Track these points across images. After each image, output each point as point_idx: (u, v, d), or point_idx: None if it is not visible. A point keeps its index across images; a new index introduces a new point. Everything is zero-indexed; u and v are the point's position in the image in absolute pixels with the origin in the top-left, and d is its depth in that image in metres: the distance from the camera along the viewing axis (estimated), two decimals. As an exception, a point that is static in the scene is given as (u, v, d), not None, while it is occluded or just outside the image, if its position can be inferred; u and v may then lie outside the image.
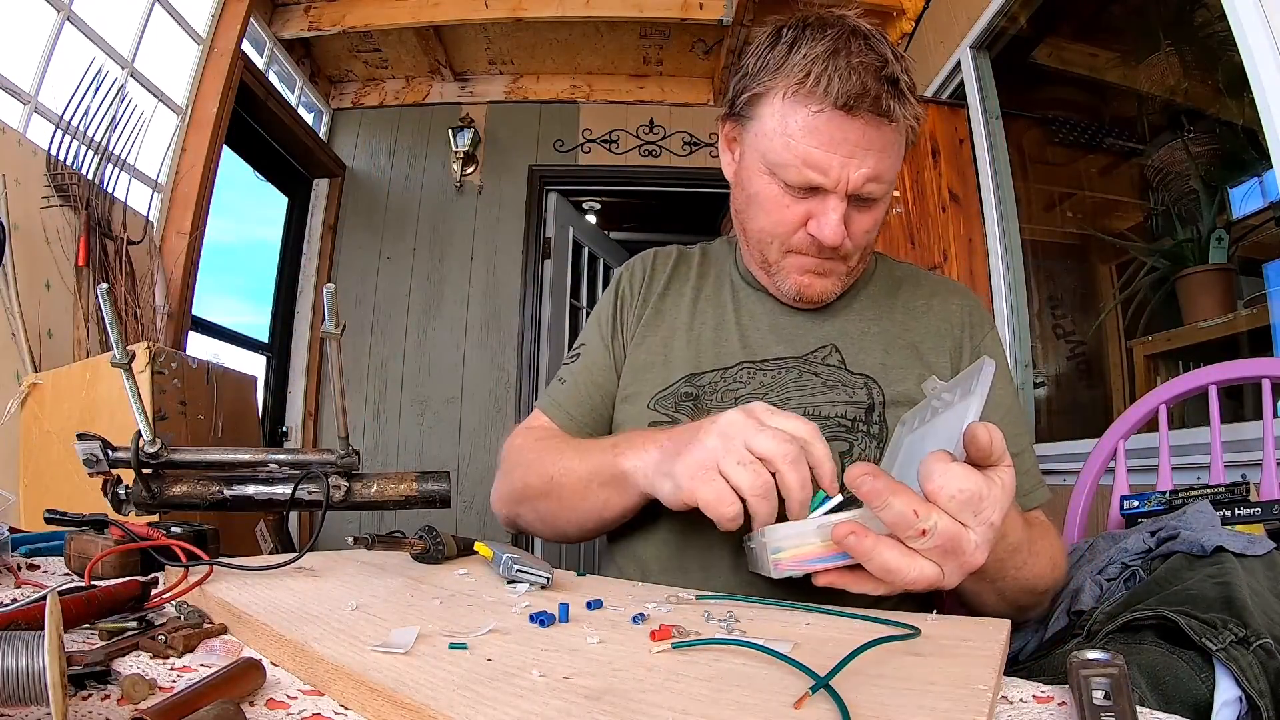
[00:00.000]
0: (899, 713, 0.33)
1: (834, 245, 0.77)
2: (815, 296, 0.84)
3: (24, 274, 1.94)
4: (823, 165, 0.74)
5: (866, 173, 0.74)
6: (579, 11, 3.19)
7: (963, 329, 0.88)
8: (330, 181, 3.75)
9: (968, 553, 0.50)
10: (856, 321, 0.88)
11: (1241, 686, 0.52)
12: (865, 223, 0.79)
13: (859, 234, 0.79)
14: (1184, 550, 0.78)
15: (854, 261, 0.83)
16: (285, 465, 0.76)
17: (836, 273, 0.83)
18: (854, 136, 0.73)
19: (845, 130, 0.73)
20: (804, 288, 0.83)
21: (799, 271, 0.83)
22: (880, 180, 0.76)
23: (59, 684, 0.29)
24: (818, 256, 0.81)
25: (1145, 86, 1.99)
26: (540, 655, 0.41)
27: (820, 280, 0.83)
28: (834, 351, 0.85)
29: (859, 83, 0.71)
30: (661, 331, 0.91)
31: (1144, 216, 2.04)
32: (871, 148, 0.73)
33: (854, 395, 0.81)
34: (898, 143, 0.76)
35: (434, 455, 3.52)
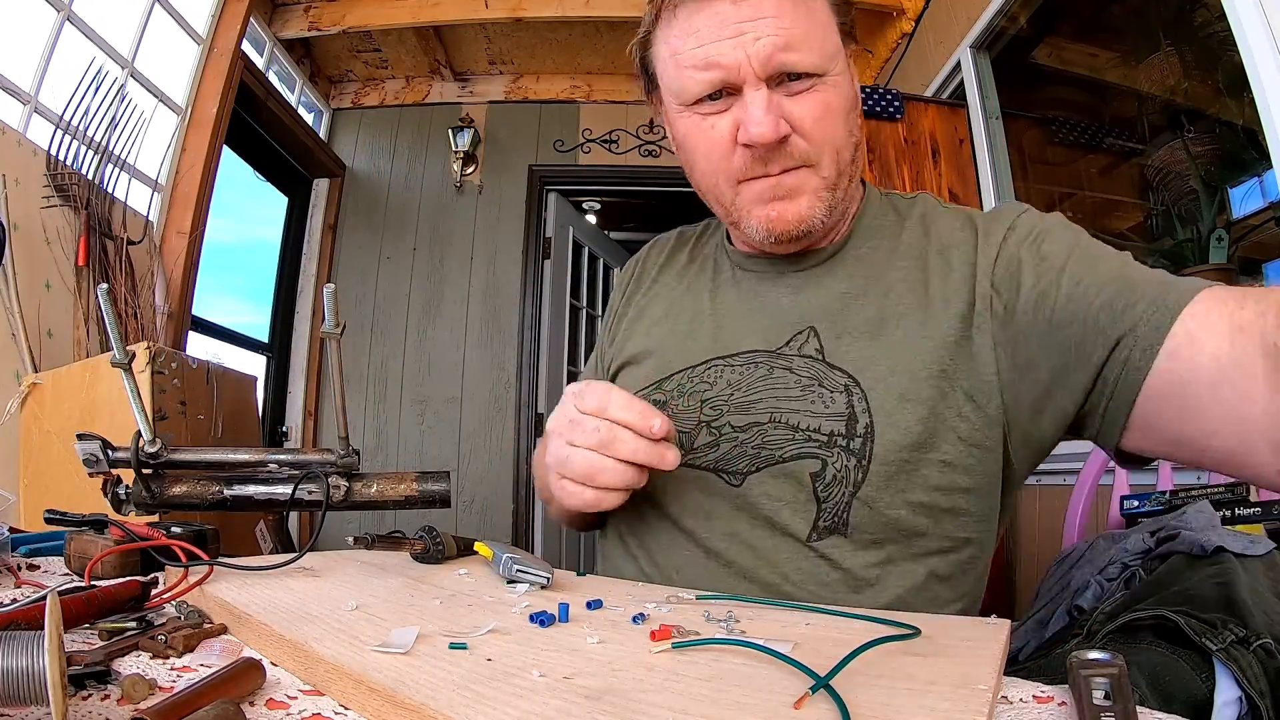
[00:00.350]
0: (899, 713, 0.33)
1: (769, 139, 0.64)
2: (791, 226, 0.69)
3: (24, 274, 1.94)
4: (713, 57, 0.64)
5: (770, 41, 0.63)
6: (579, 11, 3.19)
7: (974, 250, 0.69)
8: (330, 181, 3.75)
9: None
10: (841, 294, 0.73)
11: (1242, 686, 0.52)
12: (810, 109, 0.66)
13: (807, 123, 0.66)
14: (1184, 550, 0.78)
15: (825, 169, 0.68)
16: (285, 465, 0.76)
17: (806, 188, 0.68)
18: (733, 13, 0.63)
19: (719, 12, 0.64)
20: (772, 221, 0.69)
21: (758, 203, 0.70)
22: (796, 48, 0.64)
23: (59, 684, 0.29)
24: (767, 172, 0.68)
25: (1145, 86, 1.99)
26: (540, 655, 0.41)
27: (788, 205, 0.69)
28: (812, 336, 0.72)
29: None
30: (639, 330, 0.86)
31: (1144, 216, 2.04)
32: (763, 14, 0.63)
33: (831, 403, 0.68)
34: (799, 5, 0.64)
35: (434, 455, 3.52)
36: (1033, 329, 0.63)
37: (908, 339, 0.69)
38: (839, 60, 0.68)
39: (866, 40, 3.29)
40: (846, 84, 0.69)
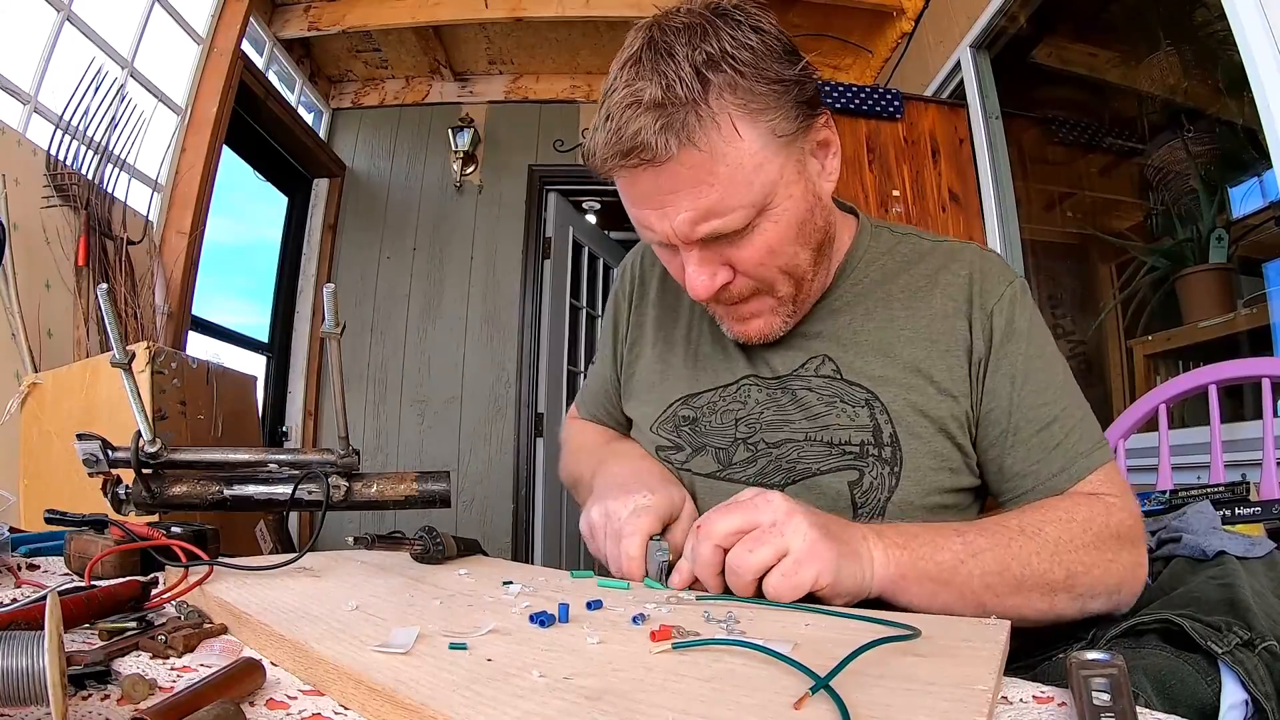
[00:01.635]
0: (899, 713, 0.33)
1: (704, 297, 0.70)
2: (756, 338, 0.77)
3: (24, 274, 1.94)
4: (646, 223, 0.68)
5: (687, 217, 0.64)
6: (579, 11, 3.19)
7: (969, 300, 0.76)
8: (330, 181, 3.75)
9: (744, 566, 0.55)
10: (848, 323, 0.79)
11: (1248, 689, 0.52)
12: (751, 254, 0.68)
13: (750, 267, 0.69)
14: (1185, 554, 0.78)
15: (781, 290, 0.73)
16: (285, 465, 0.76)
17: (764, 309, 0.74)
18: (651, 189, 0.65)
19: (640, 185, 0.65)
20: (739, 335, 0.77)
21: (728, 319, 0.77)
22: (716, 214, 0.64)
23: (59, 684, 0.29)
24: (721, 309, 0.76)
25: (1145, 86, 1.99)
26: (540, 655, 0.41)
27: (750, 324, 0.75)
28: (827, 361, 0.78)
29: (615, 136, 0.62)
30: (659, 344, 0.88)
31: (1144, 216, 2.04)
32: (677, 189, 0.63)
33: (855, 416, 0.74)
34: (715, 163, 0.62)
35: (434, 455, 3.52)
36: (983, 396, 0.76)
37: (917, 359, 0.76)
38: (778, 190, 0.66)
39: (867, 40, 3.29)
40: (793, 205, 0.68)
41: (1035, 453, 0.73)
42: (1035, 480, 0.73)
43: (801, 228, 0.70)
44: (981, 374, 0.75)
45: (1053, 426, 0.72)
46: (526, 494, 3.48)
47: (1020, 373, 0.74)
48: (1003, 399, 0.74)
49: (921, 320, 0.77)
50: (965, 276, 0.78)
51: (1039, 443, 0.73)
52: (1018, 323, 0.76)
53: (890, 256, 0.82)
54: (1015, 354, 0.75)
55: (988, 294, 0.76)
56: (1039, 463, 0.73)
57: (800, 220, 0.69)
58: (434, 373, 3.61)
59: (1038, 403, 0.74)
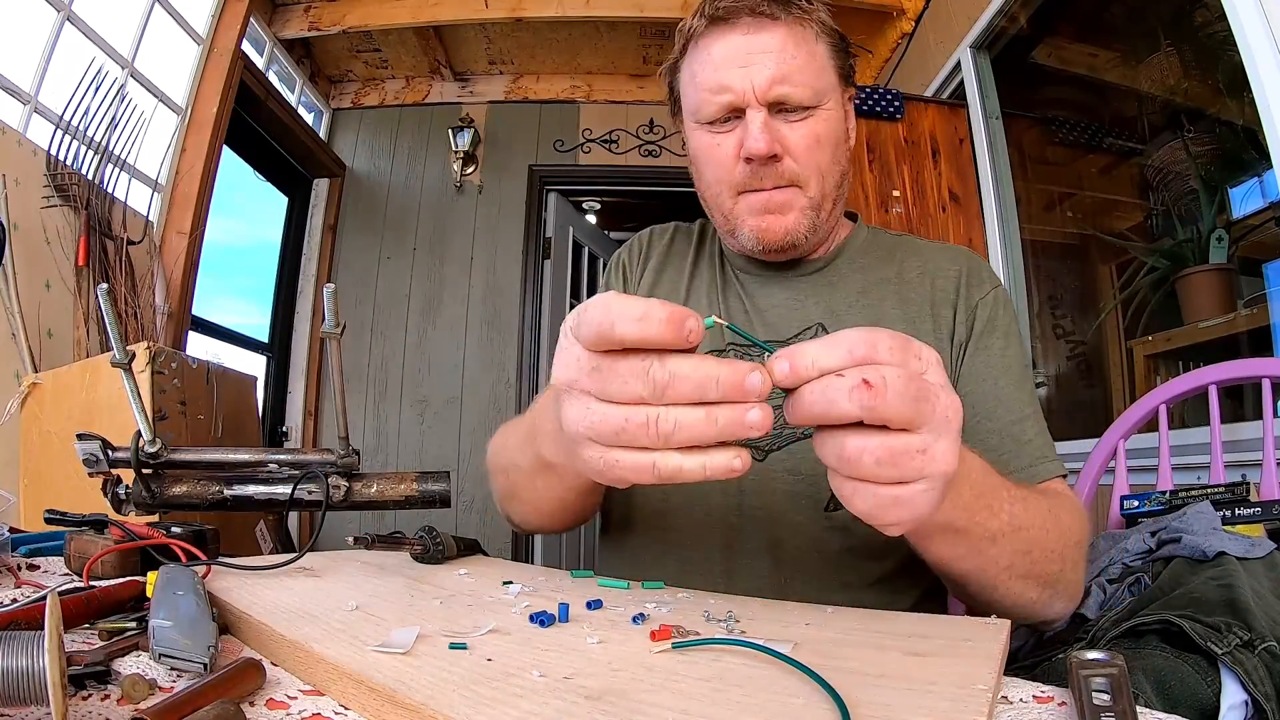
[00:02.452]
0: (899, 713, 0.33)
1: (764, 152, 0.74)
2: (778, 238, 0.79)
3: (24, 274, 1.94)
4: (724, 83, 0.75)
5: (770, 74, 0.73)
6: (579, 11, 3.19)
7: (957, 290, 0.82)
8: (330, 181, 3.75)
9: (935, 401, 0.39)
10: (843, 297, 0.83)
11: (1248, 690, 0.52)
12: (803, 136, 0.76)
13: (800, 148, 0.76)
14: (1185, 555, 0.78)
15: (811, 190, 0.78)
16: (285, 465, 0.76)
17: (795, 206, 0.78)
18: (744, 46, 0.74)
19: (733, 44, 0.75)
20: (762, 232, 0.79)
21: (753, 214, 0.79)
22: (791, 81, 0.74)
23: (59, 684, 0.29)
24: (762, 186, 0.77)
25: (1145, 86, 1.99)
26: (540, 655, 0.41)
27: (778, 219, 0.78)
28: (820, 330, 0.81)
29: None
30: None
31: (1144, 216, 2.04)
32: (767, 49, 0.74)
33: None
34: (802, 44, 0.75)
35: (434, 455, 3.52)
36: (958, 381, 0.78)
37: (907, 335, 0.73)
38: (831, 97, 0.78)
39: (867, 40, 3.29)
40: (837, 120, 0.80)
41: (1008, 443, 0.75)
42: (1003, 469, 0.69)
43: (838, 144, 0.80)
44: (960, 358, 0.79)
45: (1025, 424, 0.76)
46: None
47: (1000, 367, 0.78)
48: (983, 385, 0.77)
49: (913, 306, 0.82)
50: (956, 271, 0.83)
51: (1012, 434, 0.75)
52: (1000, 321, 0.80)
53: (885, 249, 0.88)
54: (995, 349, 0.79)
55: (974, 289, 0.82)
56: (1010, 453, 0.74)
57: (838, 136, 0.80)
58: (434, 373, 3.61)
59: (1013, 398, 0.77)
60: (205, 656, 0.39)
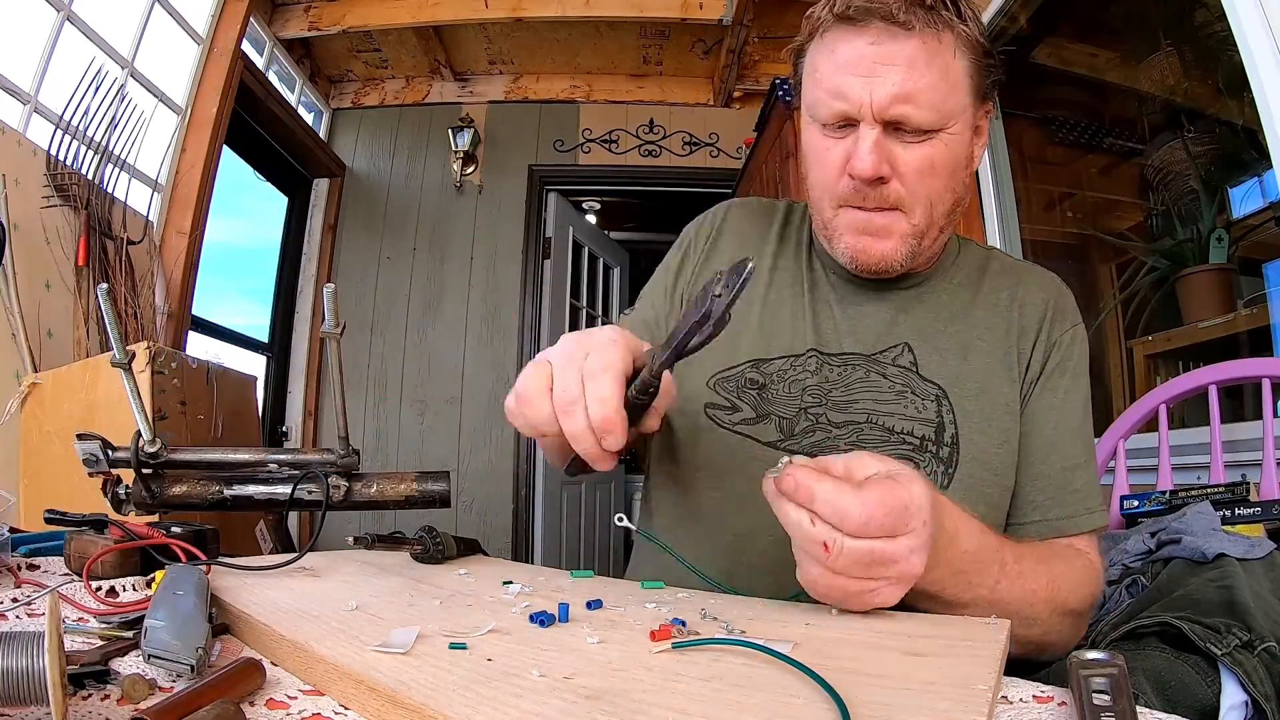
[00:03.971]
0: (899, 713, 0.33)
1: (868, 175, 0.69)
2: (873, 263, 0.74)
3: (24, 274, 1.94)
4: (843, 89, 0.69)
5: (892, 91, 0.67)
6: (579, 11, 3.19)
7: (1041, 324, 0.79)
8: (330, 181, 3.75)
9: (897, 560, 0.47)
10: (934, 318, 0.79)
11: (1247, 690, 0.52)
12: (917, 160, 0.70)
13: (909, 173, 0.70)
14: (1185, 556, 0.78)
15: (916, 218, 0.73)
16: (285, 465, 0.76)
17: (896, 232, 0.73)
18: (871, 53, 0.68)
19: (860, 49, 0.68)
20: (858, 252, 0.74)
21: (851, 232, 0.74)
22: (914, 102, 0.67)
23: (59, 684, 0.29)
24: (864, 206, 0.73)
25: (1145, 86, 1.99)
26: (540, 655, 0.41)
27: (876, 242, 0.74)
28: (906, 351, 0.77)
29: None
30: None
31: (1144, 216, 2.04)
32: (894, 63, 0.67)
33: (923, 409, 0.74)
34: (935, 60, 0.68)
35: (434, 455, 3.52)
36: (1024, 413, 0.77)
37: (990, 370, 0.77)
38: (958, 120, 0.72)
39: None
40: (960, 145, 0.73)
41: (1054, 490, 0.74)
42: (1043, 515, 0.74)
43: (955, 171, 0.74)
44: (1029, 393, 0.77)
45: (1076, 472, 0.74)
46: (526, 494, 3.48)
47: (1062, 410, 0.76)
48: (1043, 427, 0.75)
49: (998, 333, 0.79)
50: (1043, 301, 0.81)
51: (1061, 482, 0.74)
52: (1073, 362, 0.78)
53: (976, 266, 0.84)
54: (1061, 390, 0.77)
55: (1056, 324, 0.79)
56: (1054, 500, 0.73)
57: (956, 162, 0.73)
58: (434, 373, 3.61)
59: (1070, 444, 0.75)
60: (193, 658, 0.39)
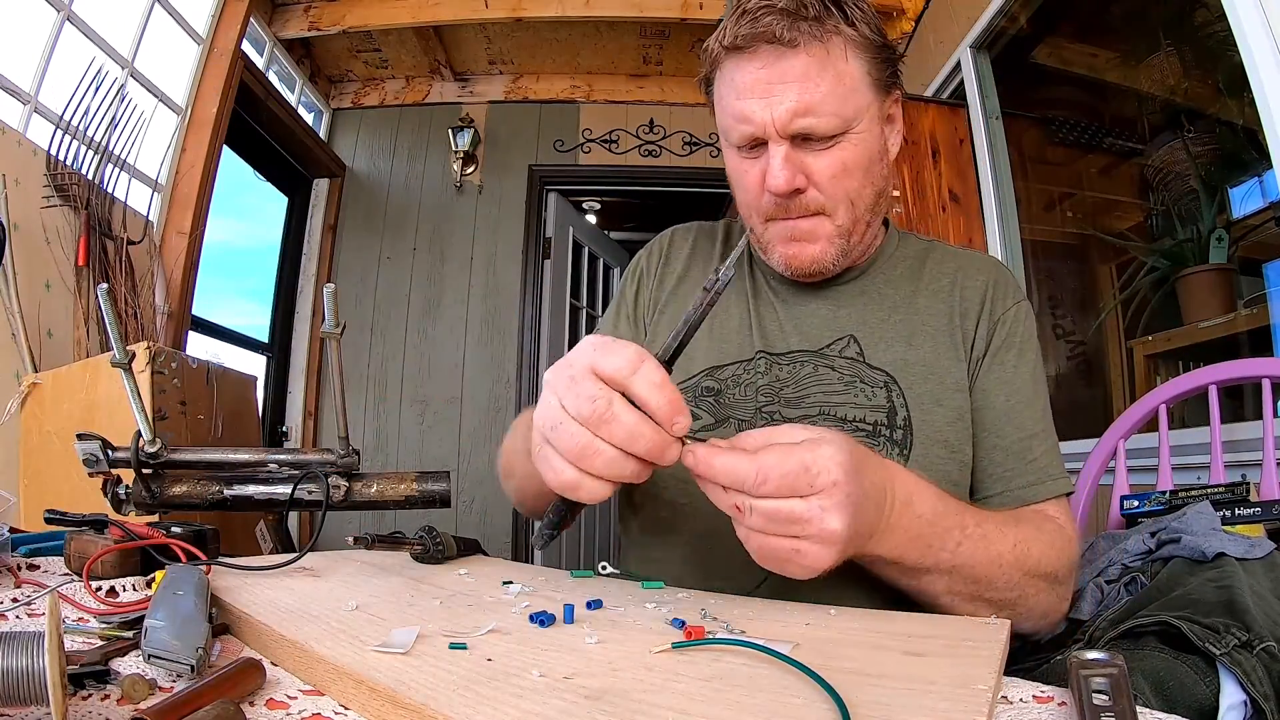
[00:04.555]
0: (899, 713, 0.33)
1: (782, 190, 0.72)
2: (805, 266, 0.78)
3: (24, 274, 1.94)
4: (746, 113, 0.72)
5: (791, 107, 0.70)
6: (579, 11, 3.19)
7: (982, 303, 0.82)
8: (330, 181, 3.75)
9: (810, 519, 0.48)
10: (876, 308, 0.82)
11: (1246, 690, 0.52)
12: (829, 165, 0.73)
13: (824, 179, 0.73)
14: (1185, 555, 0.78)
15: (840, 218, 0.76)
16: (285, 465, 0.76)
17: (822, 235, 0.77)
18: (764, 75, 0.71)
19: (753, 73, 0.71)
20: (790, 258, 0.78)
21: (781, 241, 0.78)
22: (814, 113, 0.70)
23: (59, 684, 0.29)
24: (788, 216, 0.76)
25: (1145, 86, 1.99)
26: (540, 655, 0.41)
27: (805, 247, 0.77)
28: (852, 343, 0.80)
29: (750, 21, 0.70)
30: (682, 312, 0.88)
31: (1144, 216, 2.04)
32: (786, 80, 0.70)
33: (873, 396, 0.77)
34: (827, 68, 0.71)
35: (434, 455, 3.52)
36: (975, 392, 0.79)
37: (937, 352, 0.79)
38: (863, 118, 0.74)
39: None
40: (870, 140, 0.75)
41: (1013, 460, 0.76)
42: (1005, 486, 0.76)
43: (870, 166, 0.76)
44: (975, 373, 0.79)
45: (1033, 441, 0.76)
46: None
47: (1012, 383, 0.78)
48: (994, 400, 0.78)
49: (941, 318, 0.81)
50: (983, 283, 0.83)
51: (1018, 451, 0.76)
52: (1018, 336, 0.80)
53: (916, 258, 0.87)
54: (1009, 364, 0.79)
55: (998, 303, 0.82)
56: (1013, 471, 0.75)
57: (870, 158, 0.76)
58: (434, 373, 3.61)
59: (1025, 415, 0.77)
60: (193, 658, 0.39)
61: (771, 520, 0.49)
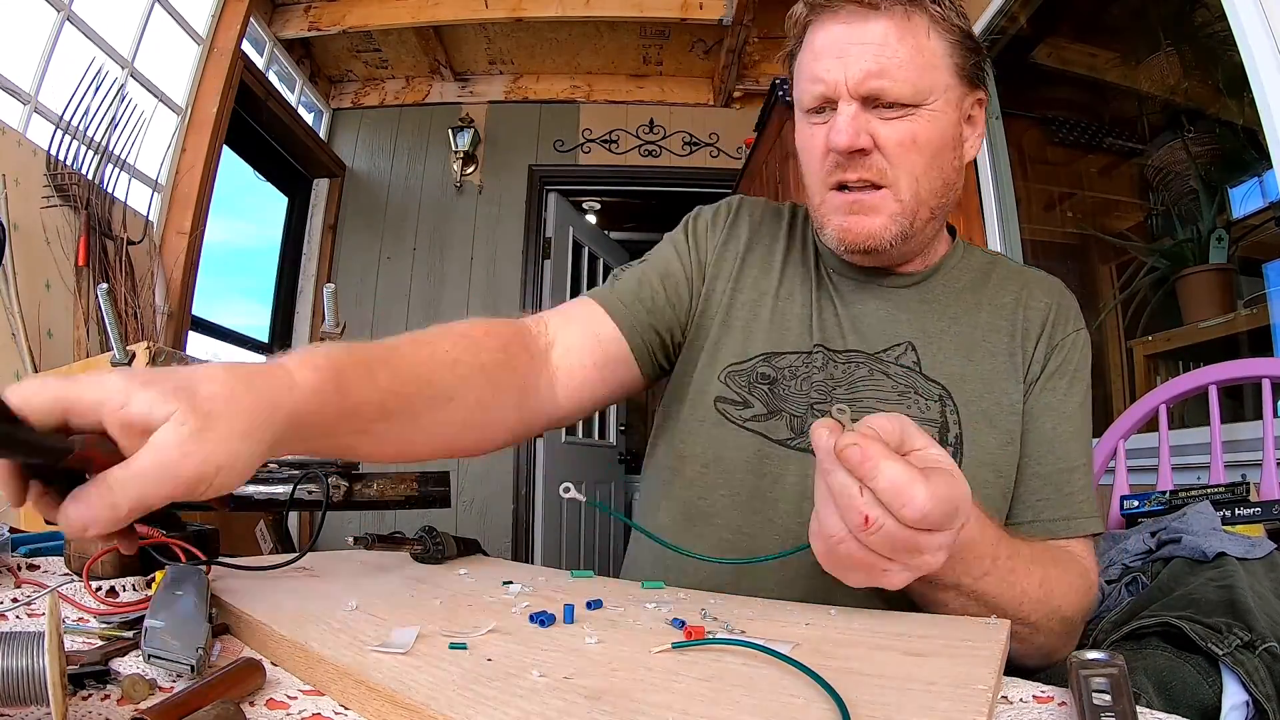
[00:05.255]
0: (899, 713, 0.33)
1: (844, 145, 0.70)
2: (861, 240, 0.74)
3: (24, 274, 1.94)
4: (819, 73, 0.71)
5: (866, 67, 0.69)
6: (579, 11, 3.19)
7: (1043, 327, 0.79)
8: (330, 181, 3.75)
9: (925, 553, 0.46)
10: (937, 318, 0.80)
11: (1249, 690, 0.52)
12: (896, 133, 0.71)
13: (890, 145, 0.71)
14: (1185, 555, 0.78)
15: (903, 193, 0.73)
16: (285, 465, 0.76)
17: (882, 210, 0.73)
18: (843, 34, 0.71)
19: (833, 34, 0.71)
20: (844, 231, 0.74)
21: (838, 213, 0.75)
22: (889, 76, 0.69)
23: (59, 684, 0.29)
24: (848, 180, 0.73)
25: (1145, 86, 1.99)
26: (540, 655, 0.41)
27: (863, 220, 0.74)
28: (909, 350, 0.78)
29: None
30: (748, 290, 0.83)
31: (1144, 216, 2.04)
32: (867, 41, 0.70)
33: (927, 409, 0.74)
34: (907, 37, 0.70)
35: (434, 455, 3.52)
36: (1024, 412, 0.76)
37: (995, 371, 0.77)
38: (940, 98, 0.72)
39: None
40: (944, 123, 0.73)
41: (1049, 490, 0.73)
42: (1036, 515, 0.73)
43: (941, 150, 0.74)
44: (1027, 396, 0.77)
45: (1073, 474, 0.74)
46: (526, 494, 3.48)
47: (1060, 411, 0.75)
48: (1041, 426, 0.75)
49: (1002, 336, 0.78)
50: (1046, 305, 0.80)
51: (1057, 483, 0.73)
52: (1073, 365, 0.78)
53: (980, 271, 0.84)
54: (1060, 391, 0.76)
55: (1058, 329, 0.79)
56: (1048, 501, 0.73)
57: (943, 141, 0.74)
58: (434, 373, 3.61)
59: (1069, 446, 0.75)
60: (193, 658, 0.38)
61: (891, 546, 0.45)
